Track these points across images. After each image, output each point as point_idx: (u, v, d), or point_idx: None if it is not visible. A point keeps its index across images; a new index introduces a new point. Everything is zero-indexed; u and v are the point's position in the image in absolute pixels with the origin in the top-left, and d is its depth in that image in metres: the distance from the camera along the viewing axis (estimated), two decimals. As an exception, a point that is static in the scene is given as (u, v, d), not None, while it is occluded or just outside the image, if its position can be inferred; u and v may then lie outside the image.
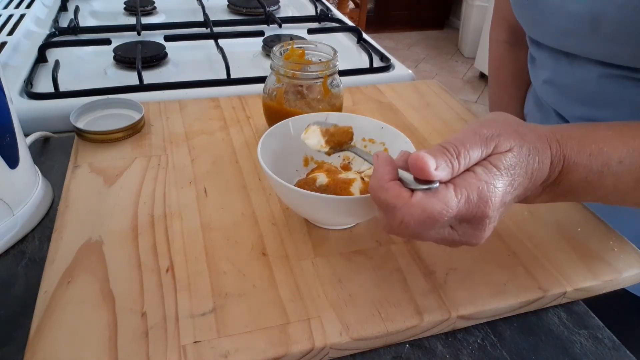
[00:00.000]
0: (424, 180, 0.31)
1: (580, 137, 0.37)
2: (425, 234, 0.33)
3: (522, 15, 0.59)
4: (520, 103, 0.76)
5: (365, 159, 0.43)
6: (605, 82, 0.51)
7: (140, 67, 0.72)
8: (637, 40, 0.45)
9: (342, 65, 0.63)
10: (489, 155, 0.33)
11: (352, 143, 0.46)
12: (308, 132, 0.46)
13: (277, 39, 0.90)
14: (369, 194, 0.43)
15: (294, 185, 0.44)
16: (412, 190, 0.32)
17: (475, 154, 0.33)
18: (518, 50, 0.73)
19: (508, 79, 0.76)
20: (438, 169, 0.31)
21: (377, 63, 0.84)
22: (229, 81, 0.74)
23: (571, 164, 0.36)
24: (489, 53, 0.80)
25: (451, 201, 0.31)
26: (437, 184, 0.31)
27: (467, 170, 0.33)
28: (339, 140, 0.45)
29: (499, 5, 0.75)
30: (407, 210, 0.31)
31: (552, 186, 0.37)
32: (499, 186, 0.32)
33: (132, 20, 0.98)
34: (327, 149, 0.45)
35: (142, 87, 0.71)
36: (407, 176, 0.33)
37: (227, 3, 1.09)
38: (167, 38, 0.84)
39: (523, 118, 0.73)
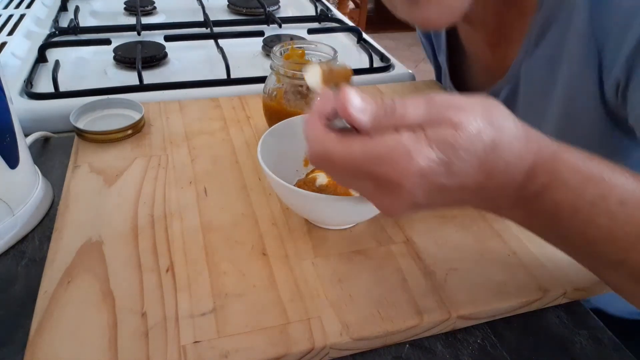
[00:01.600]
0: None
1: (584, 157, 0.32)
2: (333, 175, 0.33)
3: None
4: None
5: None
6: None
7: (140, 67, 0.72)
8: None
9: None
10: (429, 125, 0.29)
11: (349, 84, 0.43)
12: (309, 68, 0.43)
13: (277, 39, 0.90)
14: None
15: (294, 185, 0.44)
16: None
17: (412, 115, 0.29)
18: None
19: None
20: (358, 110, 0.29)
21: (377, 63, 0.84)
22: (229, 81, 0.74)
23: (560, 180, 0.31)
24: None
25: (354, 148, 0.29)
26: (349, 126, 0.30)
27: (395, 129, 0.29)
28: (337, 82, 0.43)
29: None
30: (312, 144, 0.31)
31: (531, 201, 0.32)
32: (422, 159, 0.28)
33: (132, 20, 0.98)
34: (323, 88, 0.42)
35: (142, 87, 0.71)
36: (340, 121, 0.31)
37: (227, 3, 1.09)
38: (167, 38, 0.84)
39: None
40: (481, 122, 0.29)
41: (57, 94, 0.68)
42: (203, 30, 0.92)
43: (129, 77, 0.75)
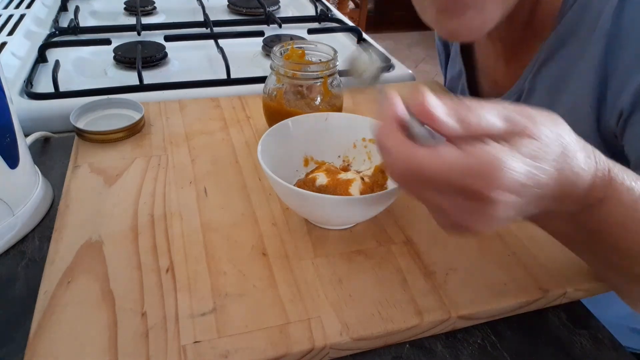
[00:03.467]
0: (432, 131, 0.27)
1: (634, 176, 0.33)
2: (419, 193, 0.29)
3: None
4: None
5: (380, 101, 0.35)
6: None
7: (140, 67, 0.72)
8: None
9: (342, 65, 0.63)
10: (509, 136, 0.27)
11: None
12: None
13: (277, 39, 0.90)
14: (369, 195, 0.43)
15: (294, 185, 0.44)
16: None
17: (492, 120, 0.27)
18: None
19: None
20: (444, 114, 0.27)
21: (377, 63, 0.84)
22: (229, 81, 0.74)
23: (615, 197, 0.32)
24: None
25: (450, 161, 0.26)
26: (440, 139, 0.27)
27: (478, 139, 0.27)
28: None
29: None
30: (397, 161, 0.28)
31: (584, 212, 0.32)
32: (516, 168, 0.26)
33: (132, 20, 0.98)
34: None
35: (142, 87, 0.71)
36: (419, 128, 0.28)
37: (227, 3, 1.09)
38: (167, 38, 0.84)
39: None
40: (552, 133, 0.29)
41: (57, 94, 0.68)
42: (203, 30, 0.92)
43: (129, 77, 0.75)
